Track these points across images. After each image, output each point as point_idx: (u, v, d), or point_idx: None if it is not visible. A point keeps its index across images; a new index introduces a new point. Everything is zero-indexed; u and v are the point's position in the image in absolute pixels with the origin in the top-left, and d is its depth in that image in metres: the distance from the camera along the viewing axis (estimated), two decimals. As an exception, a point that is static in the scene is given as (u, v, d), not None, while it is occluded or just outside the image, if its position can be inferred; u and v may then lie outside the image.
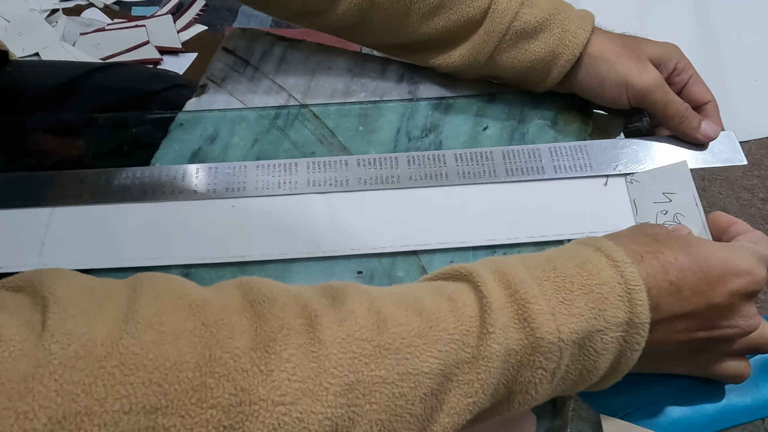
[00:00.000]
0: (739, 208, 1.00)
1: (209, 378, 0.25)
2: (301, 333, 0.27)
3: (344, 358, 0.27)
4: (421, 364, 0.28)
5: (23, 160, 0.51)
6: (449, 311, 0.30)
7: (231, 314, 0.28)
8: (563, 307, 0.31)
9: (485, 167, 0.49)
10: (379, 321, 0.29)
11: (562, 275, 0.32)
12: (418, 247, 0.45)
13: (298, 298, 0.29)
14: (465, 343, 0.29)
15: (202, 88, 0.57)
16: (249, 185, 0.48)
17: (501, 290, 0.31)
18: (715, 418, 0.38)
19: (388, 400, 0.27)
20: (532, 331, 0.30)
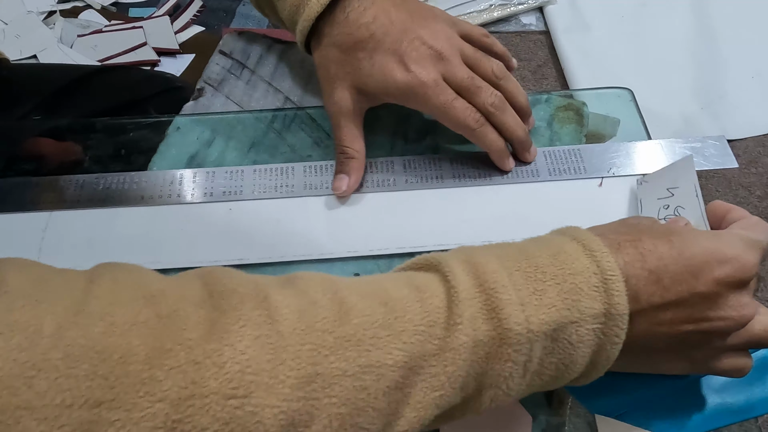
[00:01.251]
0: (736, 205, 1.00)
1: (158, 371, 0.24)
2: (259, 324, 0.26)
3: (303, 349, 0.26)
4: (384, 357, 0.27)
5: (20, 165, 0.51)
6: (416, 302, 0.29)
7: (187, 305, 0.27)
8: (534, 297, 0.30)
9: (481, 170, 0.49)
10: (342, 312, 0.28)
11: (534, 265, 0.31)
12: (414, 248, 0.45)
13: (260, 288, 0.28)
14: (431, 334, 0.28)
15: (199, 91, 0.57)
16: (246, 189, 0.48)
17: (470, 280, 0.30)
18: (709, 417, 0.38)
19: (349, 393, 0.26)
20: (500, 321, 0.29)
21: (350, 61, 0.45)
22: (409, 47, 0.44)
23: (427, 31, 0.45)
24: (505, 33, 1.28)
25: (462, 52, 0.46)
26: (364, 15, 0.44)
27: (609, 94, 0.56)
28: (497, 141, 0.46)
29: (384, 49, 0.44)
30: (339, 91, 0.46)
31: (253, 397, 0.25)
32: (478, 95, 0.45)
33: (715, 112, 1.13)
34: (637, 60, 1.22)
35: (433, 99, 0.44)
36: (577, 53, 1.20)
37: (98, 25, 1.38)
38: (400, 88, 0.44)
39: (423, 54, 0.44)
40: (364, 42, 0.44)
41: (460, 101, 0.45)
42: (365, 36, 0.44)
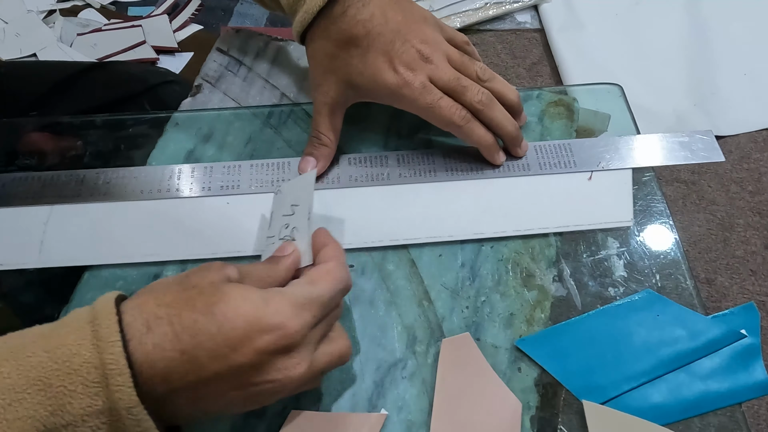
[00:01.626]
0: (728, 200, 1.01)
1: None
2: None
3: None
4: None
5: (21, 160, 0.52)
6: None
7: None
8: (4, 413, 0.28)
9: (473, 164, 0.50)
10: None
11: (18, 369, 0.29)
12: (407, 241, 0.46)
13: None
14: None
15: (197, 88, 0.58)
16: (243, 183, 0.49)
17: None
18: (695, 403, 0.39)
19: None
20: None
21: (343, 57, 0.46)
22: (400, 49, 0.46)
23: (417, 34, 0.46)
24: (500, 31, 1.29)
25: (448, 56, 0.48)
26: (362, 12, 0.45)
27: (599, 90, 0.57)
28: (485, 136, 0.48)
29: (376, 49, 0.46)
30: (328, 83, 0.48)
31: None
32: (465, 94, 0.46)
33: (708, 109, 1.14)
34: (631, 57, 1.23)
35: (419, 100, 0.46)
36: (571, 51, 1.21)
37: (97, 23, 1.39)
38: (389, 88, 0.46)
39: (412, 56, 0.46)
40: (359, 39, 0.46)
41: (445, 100, 0.46)
42: (361, 33, 0.45)
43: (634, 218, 0.48)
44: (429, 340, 0.42)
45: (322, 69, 0.48)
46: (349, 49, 0.46)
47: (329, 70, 0.47)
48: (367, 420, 0.39)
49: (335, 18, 0.46)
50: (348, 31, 0.46)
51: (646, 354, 0.41)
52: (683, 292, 0.44)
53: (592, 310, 0.43)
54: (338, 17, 0.46)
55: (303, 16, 0.46)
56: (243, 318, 0.32)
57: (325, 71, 0.47)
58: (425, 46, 0.46)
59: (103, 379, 0.29)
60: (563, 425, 0.39)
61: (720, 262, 0.95)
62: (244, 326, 0.31)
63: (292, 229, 0.42)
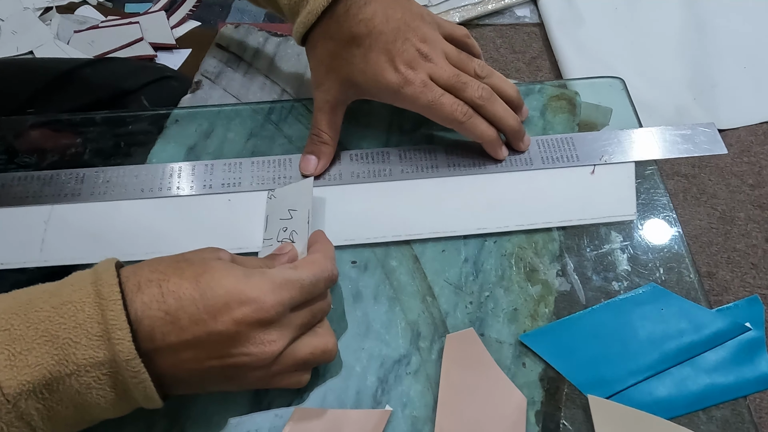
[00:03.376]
0: (728, 194, 1.01)
1: None
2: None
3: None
4: None
5: (21, 158, 0.52)
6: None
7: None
8: (13, 359, 0.31)
9: (475, 159, 0.50)
10: None
11: (27, 322, 0.32)
12: (410, 236, 0.46)
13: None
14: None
15: (197, 84, 0.58)
16: (244, 180, 0.49)
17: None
18: (700, 396, 0.39)
19: None
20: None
21: (344, 56, 0.46)
22: (401, 48, 0.45)
23: (416, 33, 0.46)
24: (500, 25, 1.28)
25: (446, 54, 0.48)
26: (364, 11, 0.45)
27: (601, 84, 0.56)
28: (488, 131, 0.47)
29: (378, 48, 0.45)
30: (329, 81, 0.48)
31: None
32: (465, 90, 0.46)
33: (708, 103, 1.14)
34: (631, 51, 1.23)
35: (421, 98, 0.46)
36: (571, 45, 1.21)
37: (95, 20, 1.38)
38: (391, 87, 0.46)
39: (412, 55, 0.46)
40: (361, 38, 0.45)
41: (447, 97, 0.46)
42: (363, 33, 0.45)
43: (637, 212, 0.48)
44: (433, 336, 0.42)
45: (323, 68, 0.47)
46: (351, 49, 0.46)
47: (331, 69, 0.47)
48: (372, 416, 0.38)
49: (337, 18, 0.45)
50: (350, 30, 0.45)
51: (651, 348, 0.41)
52: (687, 286, 0.44)
53: (596, 304, 0.43)
54: (340, 17, 0.45)
55: (306, 18, 0.46)
56: (224, 288, 0.34)
57: (327, 70, 0.47)
58: (424, 44, 0.46)
59: (105, 333, 0.31)
60: (566, 420, 0.39)
61: (721, 256, 0.95)
62: (225, 296, 0.33)
63: (291, 233, 0.43)
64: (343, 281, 0.44)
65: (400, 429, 0.39)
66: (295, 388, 0.39)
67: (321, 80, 0.48)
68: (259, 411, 0.39)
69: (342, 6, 0.45)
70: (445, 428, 0.38)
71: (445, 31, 0.49)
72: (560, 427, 0.39)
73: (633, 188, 0.49)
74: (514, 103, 0.49)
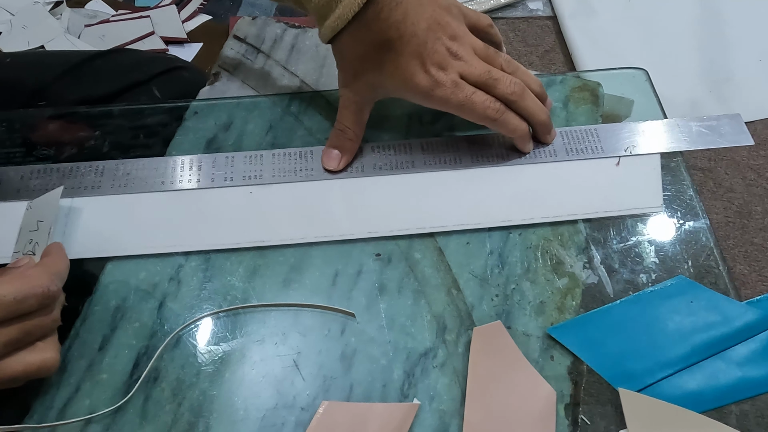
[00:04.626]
0: (745, 188, 1.00)
1: None
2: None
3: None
4: None
5: (39, 151, 0.52)
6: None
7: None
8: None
9: (498, 150, 0.49)
10: None
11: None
12: (434, 229, 0.46)
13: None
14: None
15: (215, 76, 0.57)
16: (266, 173, 0.49)
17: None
18: (732, 390, 0.39)
19: None
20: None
21: (374, 60, 0.45)
22: (432, 48, 0.44)
23: (446, 30, 0.45)
24: (512, 18, 1.28)
25: (474, 49, 0.47)
26: (395, 12, 0.43)
27: (624, 75, 0.56)
28: (520, 126, 0.47)
29: (409, 52, 0.44)
30: (358, 83, 0.47)
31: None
32: (497, 87, 0.45)
33: (723, 96, 1.13)
34: (644, 44, 1.22)
35: (452, 99, 0.45)
36: (584, 38, 1.20)
37: (105, 14, 1.38)
38: (422, 91, 0.45)
39: (443, 55, 0.45)
40: (392, 42, 0.44)
41: (478, 95, 0.45)
42: (394, 36, 0.44)
43: (663, 204, 0.47)
44: (459, 329, 0.42)
45: (352, 70, 0.47)
46: (381, 53, 0.45)
47: (360, 71, 0.46)
48: (400, 410, 0.38)
49: (367, 22, 0.44)
50: (381, 34, 0.44)
51: (681, 341, 0.40)
52: (716, 278, 0.44)
53: (624, 297, 0.43)
54: (371, 21, 0.44)
55: (335, 22, 0.44)
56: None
57: (356, 73, 0.46)
58: (454, 42, 0.45)
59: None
60: (596, 414, 0.39)
61: (738, 250, 0.94)
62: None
63: (35, 245, 0.42)
64: (367, 274, 0.44)
65: (428, 422, 0.38)
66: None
67: (349, 81, 0.47)
68: (284, 405, 0.39)
69: (372, 10, 0.43)
70: (473, 422, 0.38)
71: (470, 21, 0.48)
72: (590, 421, 0.38)
73: (659, 180, 0.48)
74: (539, 96, 0.49)
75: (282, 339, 0.41)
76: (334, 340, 0.41)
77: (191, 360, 0.41)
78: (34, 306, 0.36)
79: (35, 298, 0.36)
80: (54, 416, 0.38)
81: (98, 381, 0.40)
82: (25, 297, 0.36)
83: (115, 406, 0.38)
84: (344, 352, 0.41)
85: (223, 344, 0.41)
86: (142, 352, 0.41)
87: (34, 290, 0.36)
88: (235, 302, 0.43)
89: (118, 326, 0.42)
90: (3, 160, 0.51)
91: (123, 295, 0.43)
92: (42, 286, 0.37)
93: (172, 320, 0.42)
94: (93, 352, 0.41)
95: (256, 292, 0.43)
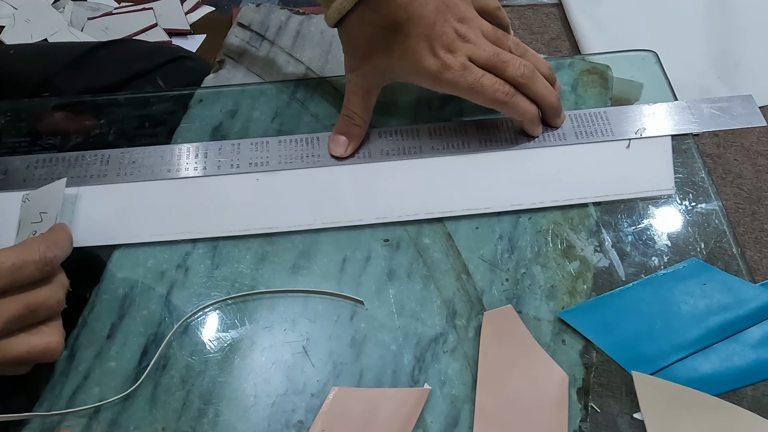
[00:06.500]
0: (755, 173, 0.99)
1: None
2: None
3: None
4: None
5: (44, 140, 0.51)
6: None
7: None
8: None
9: (507, 134, 0.49)
10: None
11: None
12: (443, 213, 0.45)
13: None
14: None
15: (219, 63, 0.57)
16: (272, 159, 0.48)
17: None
18: (747, 372, 0.38)
19: None
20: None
21: (382, 42, 0.44)
22: (440, 31, 0.44)
23: (454, 12, 0.45)
24: (517, 6, 1.26)
25: (483, 31, 0.46)
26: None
27: (633, 57, 0.55)
28: (530, 109, 0.46)
29: (417, 34, 0.44)
30: (365, 66, 0.46)
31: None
32: (506, 69, 0.45)
33: (732, 81, 1.12)
34: (651, 30, 1.21)
35: (461, 82, 0.44)
36: (590, 25, 1.19)
37: (108, 7, 1.37)
38: (430, 73, 0.44)
39: (451, 37, 0.44)
40: (400, 24, 0.43)
41: (487, 77, 0.44)
42: (402, 18, 0.43)
43: (675, 186, 0.47)
44: (469, 314, 0.41)
45: (359, 54, 0.46)
46: (389, 35, 0.44)
47: (367, 55, 0.45)
48: (411, 395, 0.38)
49: (375, 3, 0.43)
50: (388, 16, 0.43)
51: (695, 323, 0.40)
52: (730, 261, 0.43)
53: (635, 280, 0.42)
54: (379, 2, 0.43)
55: (342, 4, 0.44)
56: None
57: (363, 56, 0.46)
58: (462, 24, 0.45)
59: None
60: (608, 397, 0.38)
61: (748, 236, 0.94)
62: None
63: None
64: (376, 260, 0.44)
65: (439, 407, 0.38)
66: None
67: (356, 65, 0.47)
68: (293, 391, 0.38)
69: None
70: (486, 406, 0.37)
71: (478, 4, 0.48)
72: (603, 405, 0.38)
73: (670, 163, 0.47)
74: (548, 79, 0.48)
75: (291, 325, 0.41)
76: (343, 326, 0.41)
77: (200, 347, 0.40)
78: (34, 274, 0.36)
79: (34, 264, 0.36)
80: (63, 404, 0.38)
81: (107, 369, 0.40)
82: (24, 263, 0.35)
83: (124, 393, 0.38)
84: (354, 338, 0.41)
85: (231, 331, 0.41)
86: (151, 339, 0.41)
87: (32, 255, 0.36)
88: (243, 289, 0.43)
89: (126, 314, 0.42)
90: (9, 149, 0.50)
91: (131, 283, 0.43)
92: (38, 252, 0.36)
93: (180, 308, 0.42)
94: (101, 340, 0.41)
95: (265, 278, 0.43)
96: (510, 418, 0.37)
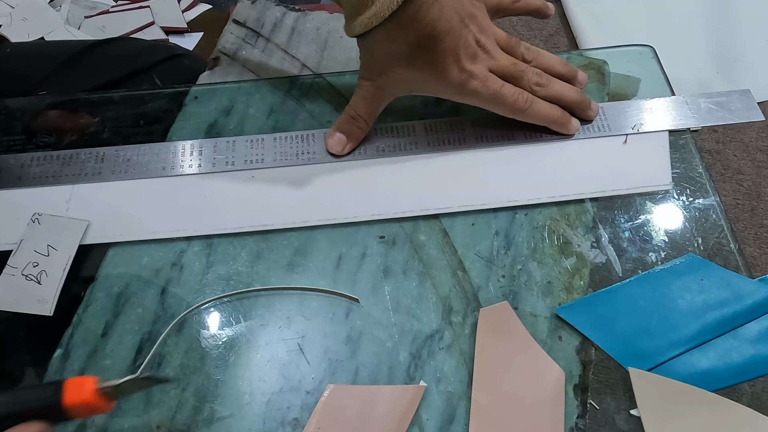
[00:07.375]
0: (754, 169, 0.99)
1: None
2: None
3: None
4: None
5: (39, 139, 0.51)
6: None
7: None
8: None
9: (502, 131, 0.49)
10: None
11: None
12: (439, 210, 0.45)
13: None
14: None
15: (215, 61, 0.57)
16: (267, 156, 0.48)
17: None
18: (744, 368, 0.38)
19: None
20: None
21: (406, 56, 0.43)
22: (464, 44, 0.43)
23: (474, 22, 0.44)
24: (516, 2, 1.26)
25: (497, 40, 0.46)
26: (432, 10, 0.41)
27: (631, 52, 0.55)
28: (552, 112, 0.46)
29: (442, 49, 0.43)
30: (382, 78, 0.45)
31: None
32: (522, 79, 0.45)
33: (731, 77, 1.11)
34: (650, 25, 1.21)
35: (483, 92, 0.44)
36: (588, 20, 1.19)
37: (105, 5, 1.37)
38: (454, 85, 0.44)
39: (474, 49, 0.44)
40: (426, 41, 0.42)
41: (507, 87, 0.45)
42: (429, 35, 0.42)
43: (672, 181, 0.46)
44: (465, 311, 0.41)
45: (378, 66, 0.45)
46: (413, 50, 0.43)
47: (387, 68, 0.44)
48: (407, 392, 0.38)
49: (402, 21, 0.41)
50: (416, 33, 0.42)
51: (692, 319, 0.40)
52: (727, 256, 0.43)
53: (633, 276, 0.42)
54: (406, 21, 0.41)
55: (370, 19, 0.42)
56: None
57: (383, 68, 0.45)
58: (482, 35, 0.45)
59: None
60: (605, 393, 0.38)
61: (748, 232, 0.93)
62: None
63: (41, 273, 0.40)
64: (371, 257, 0.43)
65: (435, 405, 0.38)
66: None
67: (373, 75, 0.46)
68: (289, 389, 0.38)
69: (411, 8, 0.41)
70: (482, 403, 0.37)
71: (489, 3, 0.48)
72: (600, 402, 0.38)
73: (668, 158, 0.47)
74: (566, 76, 0.48)
75: (286, 323, 0.41)
76: (339, 323, 0.41)
77: (195, 345, 0.40)
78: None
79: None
80: (58, 403, 0.38)
81: (102, 367, 0.39)
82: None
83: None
84: (350, 335, 0.40)
85: (227, 329, 0.41)
86: (146, 337, 0.40)
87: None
88: (238, 287, 0.42)
89: (121, 312, 0.41)
90: (3, 147, 0.50)
91: (125, 281, 0.43)
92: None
93: (175, 305, 0.42)
94: (96, 338, 0.41)
95: (260, 276, 0.43)
96: (506, 415, 0.37)
